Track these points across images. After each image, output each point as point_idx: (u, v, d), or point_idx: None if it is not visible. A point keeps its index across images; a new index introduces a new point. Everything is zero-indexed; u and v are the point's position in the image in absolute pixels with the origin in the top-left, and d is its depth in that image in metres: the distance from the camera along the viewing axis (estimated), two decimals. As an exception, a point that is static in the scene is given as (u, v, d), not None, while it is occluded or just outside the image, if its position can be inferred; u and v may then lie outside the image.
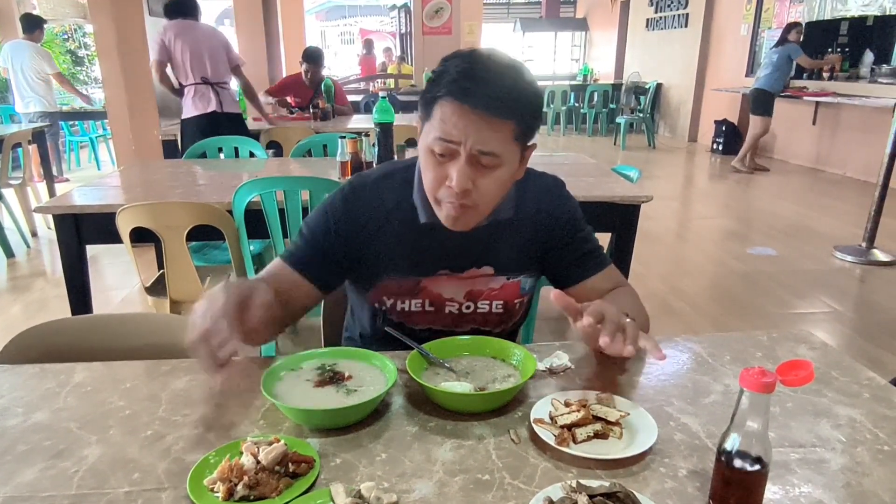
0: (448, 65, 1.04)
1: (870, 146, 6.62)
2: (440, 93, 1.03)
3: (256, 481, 0.76)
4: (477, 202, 1.08)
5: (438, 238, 1.18)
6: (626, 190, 2.46)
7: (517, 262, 1.25)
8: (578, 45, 15.15)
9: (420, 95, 1.10)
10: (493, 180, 1.07)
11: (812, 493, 0.78)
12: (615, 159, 8.49)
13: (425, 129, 1.08)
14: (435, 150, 1.05)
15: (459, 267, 1.22)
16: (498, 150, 1.04)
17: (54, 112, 6.91)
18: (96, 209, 2.26)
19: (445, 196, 1.08)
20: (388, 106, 2.73)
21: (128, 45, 4.34)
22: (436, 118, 1.04)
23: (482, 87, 1.00)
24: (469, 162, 1.03)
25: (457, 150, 1.03)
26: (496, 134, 1.02)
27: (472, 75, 1.01)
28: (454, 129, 1.02)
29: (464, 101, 1.00)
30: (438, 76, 1.05)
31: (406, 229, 1.19)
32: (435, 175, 1.07)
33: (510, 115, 1.02)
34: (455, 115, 1.01)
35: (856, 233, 4.61)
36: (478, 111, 1.00)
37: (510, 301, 1.27)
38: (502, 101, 1.01)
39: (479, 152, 1.03)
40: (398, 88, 8.96)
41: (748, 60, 8.85)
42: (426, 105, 1.07)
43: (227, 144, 3.57)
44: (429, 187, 1.10)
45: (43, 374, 1.08)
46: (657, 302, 3.57)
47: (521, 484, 0.80)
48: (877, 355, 2.94)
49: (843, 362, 1.12)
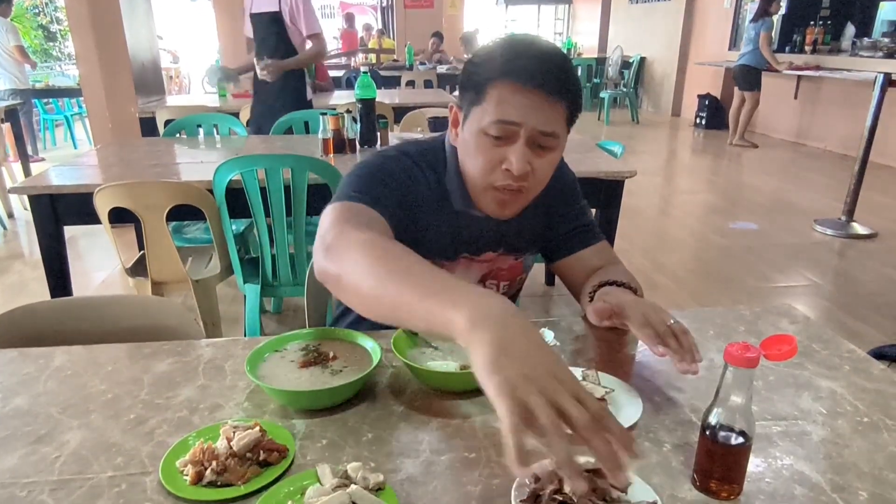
0: (497, 46, 1.02)
1: (850, 120, 6.68)
2: (494, 74, 1.00)
3: (224, 467, 0.76)
4: (531, 186, 1.07)
5: (465, 224, 1.17)
6: (611, 165, 2.46)
7: (524, 240, 1.25)
8: (562, 18, 15.01)
9: (463, 78, 1.06)
10: (549, 163, 1.06)
11: (794, 465, 0.79)
12: (599, 134, 8.49)
13: (475, 113, 1.03)
14: (492, 134, 1.02)
15: (478, 251, 1.21)
16: (557, 129, 1.02)
17: (26, 89, 6.74)
18: (73, 189, 2.21)
19: (500, 180, 1.05)
20: (370, 81, 2.70)
21: (102, 20, 4.22)
22: (491, 101, 1.00)
23: (542, 67, 0.98)
24: (528, 143, 1.02)
25: (516, 132, 1.01)
26: (555, 114, 1.01)
27: (529, 55, 0.99)
28: (515, 109, 0.99)
29: (524, 83, 0.98)
30: (488, 58, 1.02)
31: (438, 212, 1.15)
32: (488, 159, 1.04)
33: (564, 95, 1.01)
34: (515, 95, 0.99)
35: (836, 206, 4.67)
36: (538, 91, 0.98)
37: (514, 279, 1.28)
38: (558, 81, 0.99)
39: (541, 133, 1.01)
40: (380, 63, 8.84)
41: (731, 34, 8.84)
42: (476, 88, 1.02)
43: (207, 122, 3.51)
44: (479, 173, 1.06)
45: (22, 359, 1.06)
46: (641, 277, 3.55)
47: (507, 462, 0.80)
48: (856, 328, 3.00)
49: (824, 335, 1.14)
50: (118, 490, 0.75)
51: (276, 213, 2.19)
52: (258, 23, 3.58)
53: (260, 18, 3.56)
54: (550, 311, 3.22)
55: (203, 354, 1.07)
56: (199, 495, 0.74)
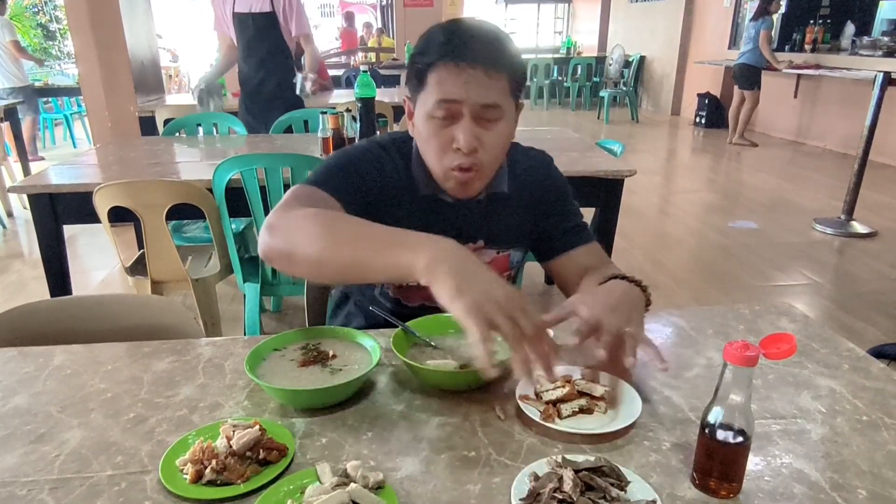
0: (432, 34, 1.06)
1: (850, 119, 6.67)
2: (432, 59, 1.03)
3: (224, 466, 0.76)
4: (483, 161, 1.08)
5: (435, 211, 1.18)
6: (610, 164, 2.46)
7: (508, 235, 1.25)
8: (562, 17, 15.00)
9: (408, 69, 1.10)
10: (497, 135, 1.08)
11: (793, 464, 0.80)
12: (599, 133, 8.49)
13: (421, 100, 1.08)
14: (437, 115, 1.05)
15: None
16: (500, 100, 1.05)
17: (25, 87, 6.73)
18: (73, 188, 2.21)
19: (453, 160, 1.08)
20: (369, 80, 2.69)
21: (101, 19, 4.21)
22: (431, 84, 1.04)
23: (474, 44, 1.02)
24: (473, 119, 1.04)
25: (459, 110, 1.04)
26: (495, 85, 1.04)
27: (461, 35, 1.03)
28: (454, 87, 1.03)
29: (459, 60, 1.01)
30: (425, 46, 1.05)
31: (405, 201, 1.18)
32: (439, 142, 1.07)
33: (504, 68, 1.04)
34: (452, 74, 1.02)
35: (835, 205, 4.67)
36: (475, 66, 1.01)
37: (500, 275, 1.27)
38: (495, 55, 1.03)
39: (483, 106, 1.04)
40: (379, 62, 8.84)
41: (731, 33, 8.83)
42: (418, 75, 1.07)
43: (206, 121, 3.51)
44: (434, 156, 1.10)
45: (21, 358, 1.06)
46: (640, 276, 3.57)
47: (507, 460, 0.80)
48: (855, 326, 3.00)
49: (823, 334, 1.14)
50: (118, 489, 0.75)
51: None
52: (246, 22, 3.53)
53: (249, 18, 3.51)
54: (550, 310, 3.21)
55: (203, 353, 1.07)
56: (198, 494, 0.74)
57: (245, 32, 3.56)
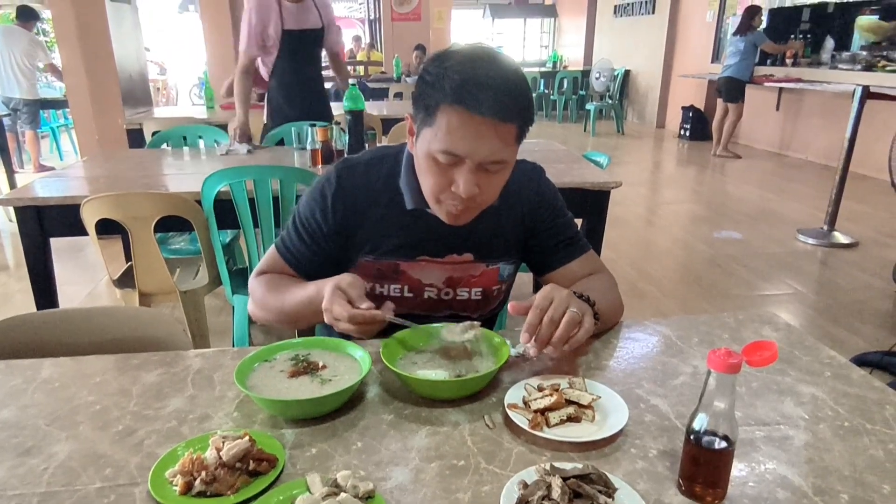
0: (448, 67, 0.99)
1: (830, 131, 6.79)
2: (445, 99, 0.98)
3: (214, 477, 0.76)
4: (481, 201, 1.09)
5: (422, 224, 1.18)
6: (596, 176, 2.49)
7: (497, 248, 1.26)
8: (548, 31, 15.16)
9: (416, 92, 1.05)
10: (498, 182, 1.09)
11: (777, 469, 0.81)
12: (585, 146, 8.56)
13: (426, 134, 1.03)
14: (440, 160, 1.03)
15: (439, 252, 1.22)
16: (506, 157, 1.04)
17: (35, 101, 6.77)
18: (60, 201, 2.20)
19: (448, 199, 1.07)
20: (358, 93, 2.72)
21: (89, 31, 4.21)
22: (440, 126, 1.00)
23: (490, 94, 0.97)
24: (476, 170, 1.03)
25: (463, 160, 1.02)
26: (503, 141, 1.01)
27: (478, 81, 0.97)
28: (462, 141, 0.99)
29: (473, 110, 0.97)
30: (438, 79, 0.99)
31: (392, 213, 1.19)
32: (437, 181, 1.06)
33: (515, 118, 1.01)
34: (464, 125, 0.98)
35: (818, 216, 4.74)
36: (486, 118, 0.97)
37: (489, 288, 1.28)
38: (509, 107, 0.99)
39: (489, 162, 1.03)
40: (368, 75, 8.88)
41: (713, 47, 8.97)
42: (427, 109, 1.02)
43: (192, 133, 3.50)
44: (429, 191, 1.09)
45: (9, 371, 1.05)
46: (627, 286, 3.62)
47: (496, 468, 0.81)
48: (837, 334, 3.04)
49: (806, 342, 1.16)
50: (107, 501, 0.75)
51: (265, 225, 2.19)
52: (298, 39, 3.56)
53: (302, 35, 3.56)
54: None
55: (192, 365, 1.07)
56: (188, 505, 0.74)
57: (294, 49, 3.58)
